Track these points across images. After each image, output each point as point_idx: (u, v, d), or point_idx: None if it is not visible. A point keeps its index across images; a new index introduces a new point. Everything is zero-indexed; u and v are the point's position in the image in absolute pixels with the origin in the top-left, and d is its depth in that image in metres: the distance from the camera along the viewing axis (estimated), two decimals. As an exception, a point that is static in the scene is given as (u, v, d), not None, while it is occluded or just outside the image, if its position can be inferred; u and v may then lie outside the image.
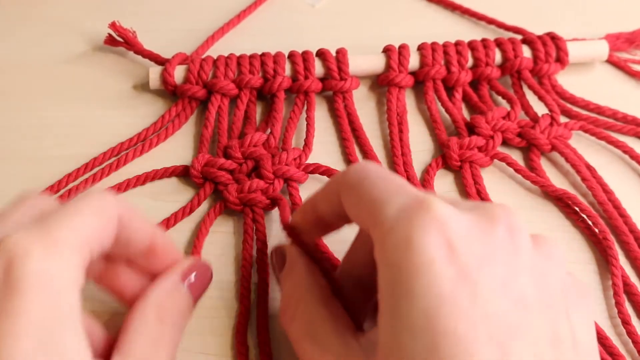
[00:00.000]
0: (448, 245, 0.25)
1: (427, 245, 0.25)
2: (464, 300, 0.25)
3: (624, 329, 0.38)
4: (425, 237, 0.25)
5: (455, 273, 0.25)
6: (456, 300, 0.25)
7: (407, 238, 0.25)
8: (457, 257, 0.25)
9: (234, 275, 0.39)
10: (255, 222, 0.40)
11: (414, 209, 0.26)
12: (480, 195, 0.43)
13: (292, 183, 0.43)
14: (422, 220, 0.26)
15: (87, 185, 0.42)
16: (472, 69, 0.50)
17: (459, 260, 0.25)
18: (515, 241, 0.27)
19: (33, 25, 0.54)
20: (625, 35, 0.54)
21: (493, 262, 0.26)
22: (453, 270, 0.25)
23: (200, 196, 0.42)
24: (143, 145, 0.45)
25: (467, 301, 0.25)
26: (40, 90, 0.49)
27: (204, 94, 0.47)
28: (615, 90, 0.52)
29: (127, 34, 0.50)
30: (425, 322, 0.24)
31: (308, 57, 0.48)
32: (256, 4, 0.56)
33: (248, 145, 0.43)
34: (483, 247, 0.26)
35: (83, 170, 0.43)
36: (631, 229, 0.42)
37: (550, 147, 0.46)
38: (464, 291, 0.25)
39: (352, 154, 0.45)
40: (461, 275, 0.25)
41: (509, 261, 0.26)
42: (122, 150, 0.44)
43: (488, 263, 0.26)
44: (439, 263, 0.25)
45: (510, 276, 0.26)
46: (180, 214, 0.41)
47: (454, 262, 0.25)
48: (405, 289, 0.25)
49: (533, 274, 0.27)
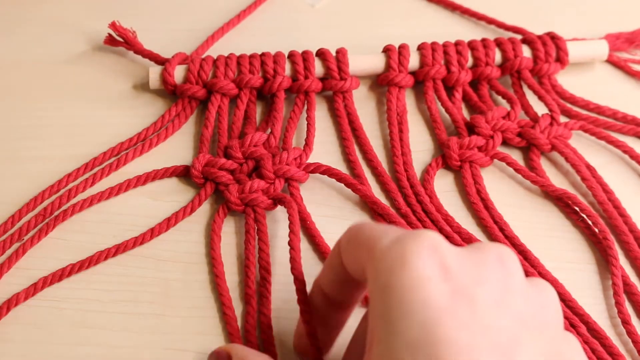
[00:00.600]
0: (442, 265, 0.26)
1: (421, 265, 0.25)
2: (463, 312, 0.25)
3: (624, 328, 0.38)
4: (419, 258, 0.26)
5: (451, 289, 0.25)
6: (455, 311, 0.24)
7: (401, 259, 0.26)
8: (452, 276, 0.26)
9: (237, 275, 0.39)
10: (257, 222, 0.40)
11: (407, 236, 0.27)
12: (480, 195, 0.43)
13: (293, 183, 0.43)
14: (414, 244, 0.26)
15: (86, 185, 0.42)
16: (472, 68, 0.50)
17: (454, 278, 0.25)
18: (506, 267, 0.27)
19: (33, 25, 0.54)
20: (625, 35, 0.54)
21: (487, 282, 0.26)
22: (449, 286, 0.25)
23: (201, 196, 0.42)
24: (143, 145, 0.45)
25: (466, 313, 0.25)
26: (40, 90, 0.49)
27: (203, 94, 0.47)
28: (615, 90, 0.52)
29: (127, 33, 0.50)
30: (425, 335, 0.24)
31: (308, 57, 0.48)
32: (256, 4, 0.56)
33: (248, 145, 0.43)
34: (476, 269, 0.26)
35: (83, 170, 0.43)
36: (631, 229, 0.42)
37: (550, 146, 0.46)
38: (462, 304, 0.25)
39: (352, 154, 0.45)
40: (457, 291, 0.25)
41: (502, 283, 0.26)
42: (122, 150, 0.44)
43: (482, 283, 0.26)
44: (434, 280, 0.25)
45: (506, 295, 0.26)
46: (182, 213, 0.41)
47: (449, 279, 0.25)
48: (401, 306, 0.25)
49: (528, 298, 0.27)
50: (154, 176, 0.43)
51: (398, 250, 0.26)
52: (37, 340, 0.36)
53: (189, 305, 0.37)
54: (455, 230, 0.41)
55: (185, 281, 0.38)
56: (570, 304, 0.38)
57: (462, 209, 0.43)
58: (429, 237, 0.26)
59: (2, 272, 0.38)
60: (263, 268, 0.38)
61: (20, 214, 0.40)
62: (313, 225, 0.41)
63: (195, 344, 0.36)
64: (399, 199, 0.43)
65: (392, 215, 0.41)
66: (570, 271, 0.40)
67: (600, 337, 0.37)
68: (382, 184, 0.44)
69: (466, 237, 0.41)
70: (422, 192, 0.43)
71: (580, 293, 0.39)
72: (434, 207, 0.43)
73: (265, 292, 0.37)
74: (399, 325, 0.25)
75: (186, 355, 0.35)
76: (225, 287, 0.38)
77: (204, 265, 0.39)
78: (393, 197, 0.43)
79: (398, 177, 0.44)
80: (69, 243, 0.40)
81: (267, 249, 0.39)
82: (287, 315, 0.37)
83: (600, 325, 0.38)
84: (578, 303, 0.38)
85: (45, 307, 0.37)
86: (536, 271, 0.39)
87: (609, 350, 0.36)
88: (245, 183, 0.41)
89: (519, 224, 0.42)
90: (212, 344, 0.36)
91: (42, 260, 0.39)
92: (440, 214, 0.42)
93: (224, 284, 0.38)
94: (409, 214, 0.42)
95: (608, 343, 0.37)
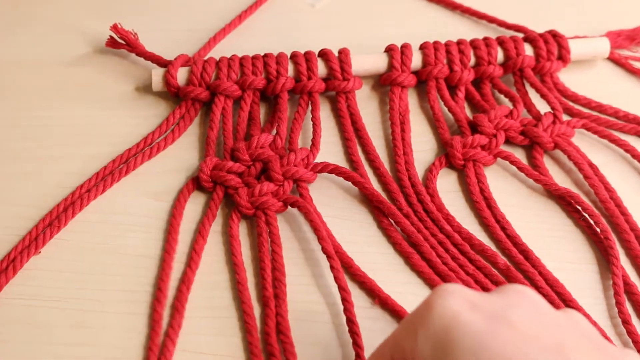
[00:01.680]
0: (467, 300, 0.27)
1: (448, 304, 0.26)
2: (503, 331, 0.25)
3: (624, 328, 0.38)
4: (445, 299, 0.27)
5: (483, 316, 0.26)
6: (495, 332, 0.25)
7: (427, 305, 0.27)
8: (480, 307, 0.26)
9: (252, 277, 0.39)
10: (269, 225, 0.40)
11: (429, 295, 0.28)
12: (483, 194, 0.43)
13: (302, 183, 0.43)
14: (435, 294, 0.27)
15: (97, 193, 0.42)
16: (475, 67, 0.50)
17: (482, 308, 0.26)
18: (529, 296, 0.28)
19: (34, 26, 0.54)
20: (626, 33, 0.54)
21: (517, 305, 0.27)
22: (480, 314, 0.26)
23: (215, 201, 0.42)
24: (151, 150, 0.44)
25: (506, 331, 0.25)
26: (42, 91, 0.49)
27: (206, 96, 0.47)
28: (616, 87, 0.52)
29: (129, 36, 0.50)
30: (474, 356, 0.25)
31: (311, 58, 0.48)
32: (257, 5, 0.56)
33: (255, 147, 0.43)
34: (502, 299, 0.27)
35: (94, 180, 0.42)
36: (632, 227, 0.42)
37: (553, 145, 0.46)
38: (499, 325, 0.26)
39: (355, 154, 0.45)
40: (490, 316, 0.26)
41: (532, 306, 0.27)
42: (130, 156, 0.44)
43: (513, 306, 0.27)
44: (464, 313, 0.26)
45: (539, 314, 0.27)
46: (207, 222, 0.40)
47: (477, 310, 0.26)
48: (440, 342, 0.26)
49: (559, 316, 0.27)
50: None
51: (425, 302, 0.27)
52: (38, 339, 0.36)
53: (204, 305, 0.37)
54: (455, 230, 0.41)
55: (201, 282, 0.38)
56: (570, 304, 0.38)
57: (465, 208, 0.43)
58: (448, 285, 0.28)
59: (8, 276, 0.38)
60: (277, 270, 0.38)
61: (37, 229, 0.40)
62: (325, 225, 0.41)
63: (207, 344, 0.36)
64: (401, 199, 0.43)
65: (397, 215, 0.41)
66: (571, 271, 0.40)
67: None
68: (384, 184, 0.44)
69: (466, 237, 0.41)
70: (424, 191, 0.43)
71: (580, 293, 0.39)
72: (435, 207, 0.43)
73: (281, 293, 0.37)
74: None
75: (198, 357, 0.35)
76: (247, 294, 0.37)
77: (209, 266, 0.39)
78: (395, 197, 0.43)
79: (400, 177, 0.44)
80: (69, 243, 0.40)
81: (280, 251, 0.39)
82: (301, 317, 0.37)
83: (601, 325, 0.38)
84: (579, 303, 0.38)
85: (45, 307, 0.37)
86: (537, 271, 0.40)
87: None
88: (255, 186, 0.41)
89: (521, 223, 0.42)
90: (225, 344, 0.36)
91: (43, 260, 0.39)
92: (441, 212, 0.42)
93: (246, 291, 0.38)
94: (411, 214, 0.42)
95: (608, 344, 0.37)
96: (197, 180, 0.43)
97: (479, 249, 0.41)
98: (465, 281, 0.39)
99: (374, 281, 0.39)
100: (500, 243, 0.41)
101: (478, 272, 0.39)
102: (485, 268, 0.39)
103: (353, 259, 0.40)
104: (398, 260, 0.40)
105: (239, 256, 0.39)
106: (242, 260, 0.39)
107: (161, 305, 0.37)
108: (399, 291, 0.38)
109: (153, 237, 0.40)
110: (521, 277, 0.39)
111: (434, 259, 0.40)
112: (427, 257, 0.40)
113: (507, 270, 0.40)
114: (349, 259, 0.39)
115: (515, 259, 0.40)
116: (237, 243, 0.40)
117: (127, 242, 0.40)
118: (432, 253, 0.40)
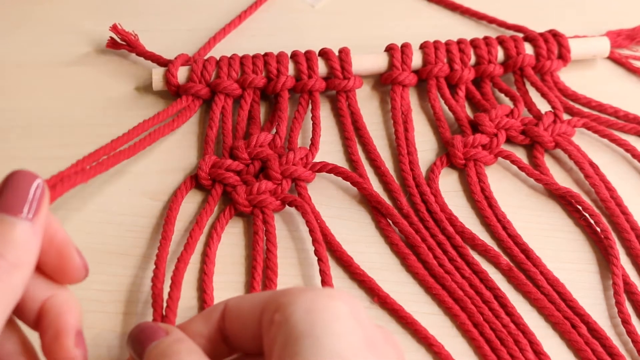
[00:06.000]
0: (359, 319, 0.27)
1: (347, 298, 0.27)
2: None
3: (624, 328, 0.38)
4: (348, 298, 0.28)
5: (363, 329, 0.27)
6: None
7: (330, 290, 0.28)
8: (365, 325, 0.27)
9: (244, 276, 0.39)
10: (266, 224, 0.40)
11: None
12: (484, 194, 0.43)
13: (300, 183, 0.42)
14: (346, 294, 0.28)
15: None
16: (475, 66, 0.50)
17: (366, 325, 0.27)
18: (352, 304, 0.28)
19: (35, 26, 0.54)
20: (626, 32, 0.54)
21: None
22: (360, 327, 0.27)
23: (214, 198, 0.42)
24: (147, 138, 0.43)
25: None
26: (43, 91, 0.49)
27: (207, 93, 0.47)
28: (616, 87, 0.52)
29: (129, 36, 0.50)
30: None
31: (311, 57, 0.48)
32: (257, 5, 0.56)
33: (254, 145, 0.43)
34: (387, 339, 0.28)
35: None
36: (633, 227, 0.42)
37: (554, 144, 0.46)
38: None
39: (355, 154, 0.45)
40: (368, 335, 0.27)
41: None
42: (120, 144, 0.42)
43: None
44: (350, 312, 0.27)
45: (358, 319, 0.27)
46: (204, 217, 0.40)
47: (361, 324, 0.27)
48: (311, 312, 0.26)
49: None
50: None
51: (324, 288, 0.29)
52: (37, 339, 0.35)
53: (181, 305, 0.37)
54: (458, 231, 0.41)
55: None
56: (570, 304, 0.38)
57: (466, 207, 0.43)
58: (357, 301, 0.28)
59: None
60: (270, 269, 0.38)
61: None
62: (324, 224, 0.41)
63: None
64: (402, 199, 0.43)
65: (395, 215, 0.41)
66: (571, 271, 0.40)
67: (601, 337, 0.37)
68: (385, 184, 0.44)
69: (469, 238, 0.41)
70: (428, 191, 0.43)
71: (580, 293, 0.39)
72: (439, 207, 0.42)
73: None
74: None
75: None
76: (210, 286, 0.38)
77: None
78: (396, 196, 0.43)
79: (404, 176, 0.44)
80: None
81: (275, 250, 0.39)
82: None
83: (601, 325, 0.38)
84: (579, 303, 0.38)
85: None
86: (538, 270, 0.40)
87: (609, 350, 0.36)
88: (253, 184, 0.41)
89: (522, 223, 0.42)
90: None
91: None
92: (444, 213, 0.42)
93: (210, 282, 0.38)
94: (411, 214, 0.42)
95: (608, 344, 0.37)
96: (195, 178, 0.43)
97: (481, 250, 0.40)
98: (459, 284, 0.39)
99: (373, 280, 0.39)
100: (502, 242, 0.41)
101: (474, 276, 0.39)
102: (482, 273, 0.39)
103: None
104: (395, 261, 0.40)
105: (214, 249, 0.39)
106: (214, 253, 0.39)
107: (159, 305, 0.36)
108: (396, 291, 0.38)
109: (153, 237, 0.40)
110: (523, 277, 0.39)
111: (430, 261, 0.40)
112: (423, 258, 0.40)
113: (509, 271, 0.39)
114: (348, 257, 0.39)
115: (516, 259, 0.40)
116: (218, 237, 0.40)
117: (127, 242, 0.40)
118: (429, 255, 0.40)
